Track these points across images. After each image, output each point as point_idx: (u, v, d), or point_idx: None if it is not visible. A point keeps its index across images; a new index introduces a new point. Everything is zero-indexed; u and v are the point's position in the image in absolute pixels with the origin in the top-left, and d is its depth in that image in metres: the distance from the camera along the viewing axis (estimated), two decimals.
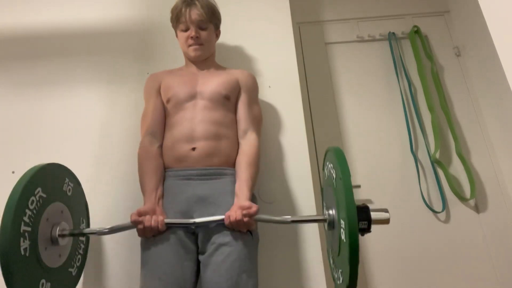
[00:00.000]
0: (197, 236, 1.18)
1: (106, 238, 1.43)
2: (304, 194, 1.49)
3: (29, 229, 0.98)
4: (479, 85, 2.11)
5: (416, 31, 2.21)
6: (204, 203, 1.20)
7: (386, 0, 2.34)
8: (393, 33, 2.24)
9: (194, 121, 1.29)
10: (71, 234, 1.15)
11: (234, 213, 1.10)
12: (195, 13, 1.38)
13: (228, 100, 1.36)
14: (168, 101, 1.36)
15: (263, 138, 1.52)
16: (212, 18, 1.44)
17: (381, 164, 2.02)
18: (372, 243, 1.89)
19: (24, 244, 0.96)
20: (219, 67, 1.51)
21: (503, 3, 0.96)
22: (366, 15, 2.31)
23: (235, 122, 1.37)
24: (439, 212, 1.93)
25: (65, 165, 1.23)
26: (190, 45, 1.40)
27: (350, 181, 0.91)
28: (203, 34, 1.41)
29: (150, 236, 1.14)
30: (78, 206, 1.28)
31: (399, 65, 2.18)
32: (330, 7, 2.33)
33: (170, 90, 1.36)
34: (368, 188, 1.97)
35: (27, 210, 0.98)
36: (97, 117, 1.61)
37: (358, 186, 1.96)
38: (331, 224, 1.05)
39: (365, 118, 2.11)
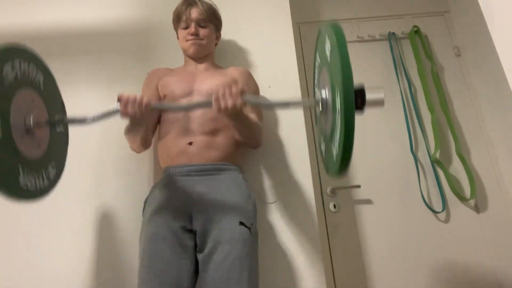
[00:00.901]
0: (195, 234, 1.18)
1: (108, 235, 1.42)
2: (304, 194, 1.49)
3: None
4: (479, 85, 2.11)
5: (416, 31, 2.21)
6: (203, 199, 1.20)
7: (386, 0, 2.34)
8: (393, 33, 2.24)
9: (190, 117, 1.29)
10: (49, 123, 1.03)
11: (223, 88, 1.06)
12: (195, 11, 1.42)
13: None
14: (164, 97, 1.37)
15: (263, 138, 1.52)
16: (212, 19, 1.46)
17: (381, 164, 2.01)
18: (372, 242, 1.89)
19: None
20: (217, 67, 1.51)
21: (503, 3, 0.96)
22: (366, 15, 2.31)
23: None
24: (439, 212, 1.93)
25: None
26: (188, 40, 1.41)
27: (346, 50, 0.84)
28: (203, 31, 1.42)
29: (134, 117, 1.08)
30: (53, 100, 1.12)
31: (399, 65, 2.18)
32: (330, 7, 2.33)
33: (167, 87, 1.37)
34: (368, 188, 1.96)
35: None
36: None
37: (358, 186, 1.95)
38: (324, 104, 0.99)
39: (365, 118, 2.10)
